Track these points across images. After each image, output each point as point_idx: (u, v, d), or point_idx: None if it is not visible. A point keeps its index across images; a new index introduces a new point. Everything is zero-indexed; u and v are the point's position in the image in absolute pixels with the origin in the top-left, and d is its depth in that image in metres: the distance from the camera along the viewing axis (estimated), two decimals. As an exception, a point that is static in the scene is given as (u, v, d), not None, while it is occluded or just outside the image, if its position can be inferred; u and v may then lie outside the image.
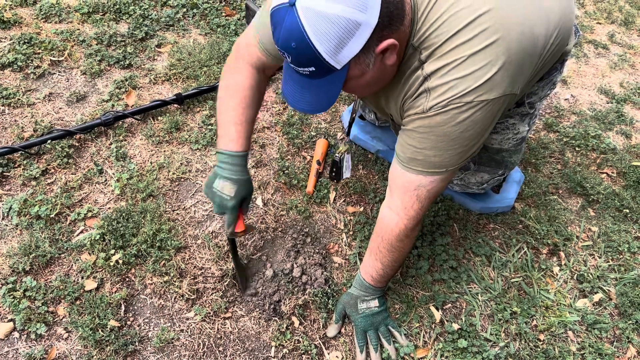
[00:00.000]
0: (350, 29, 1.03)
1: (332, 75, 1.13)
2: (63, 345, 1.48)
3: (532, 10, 1.23)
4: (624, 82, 2.79)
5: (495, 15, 1.14)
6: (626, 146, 2.39)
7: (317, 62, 1.08)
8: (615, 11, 3.38)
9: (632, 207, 2.09)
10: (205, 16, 2.60)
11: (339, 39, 1.04)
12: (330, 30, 1.03)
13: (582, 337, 1.69)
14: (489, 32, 1.14)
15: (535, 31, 1.22)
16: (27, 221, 1.69)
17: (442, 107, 1.18)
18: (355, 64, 1.12)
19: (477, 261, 1.83)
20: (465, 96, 1.16)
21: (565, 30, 1.36)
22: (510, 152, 1.73)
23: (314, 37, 1.03)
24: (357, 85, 1.23)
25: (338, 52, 1.06)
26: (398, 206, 1.39)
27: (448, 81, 1.16)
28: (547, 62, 1.38)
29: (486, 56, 1.14)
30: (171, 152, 1.98)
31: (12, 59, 2.13)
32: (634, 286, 1.83)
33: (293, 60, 1.11)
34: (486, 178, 1.82)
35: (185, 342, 1.53)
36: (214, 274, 1.67)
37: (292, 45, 1.06)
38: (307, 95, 1.20)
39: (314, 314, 1.63)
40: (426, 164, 1.29)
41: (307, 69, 1.11)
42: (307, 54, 1.06)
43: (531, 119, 1.67)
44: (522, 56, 1.19)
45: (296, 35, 1.04)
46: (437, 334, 1.63)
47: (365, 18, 1.04)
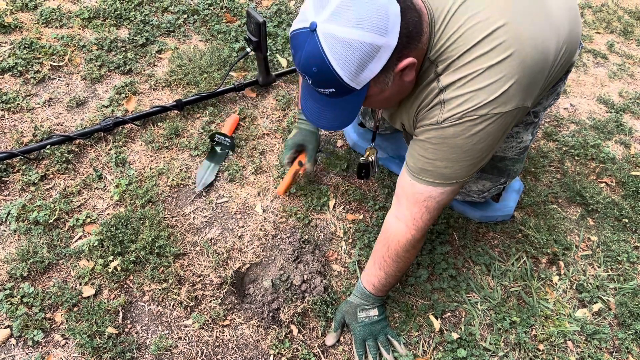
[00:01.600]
0: (371, 53, 1.06)
1: (351, 95, 1.15)
2: (60, 352, 1.47)
3: (544, 25, 1.24)
4: (623, 91, 2.80)
5: (510, 30, 1.15)
6: (625, 156, 2.39)
7: (338, 84, 1.10)
8: (614, 21, 3.39)
9: (631, 217, 2.09)
10: (206, 22, 2.61)
11: (360, 63, 1.06)
12: (351, 56, 1.05)
13: (582, 347, 1.69)
14: (504, 46, 1.14)
15: (547, 45, 1.23)
16: (25, 227, 1.68)
17: (457, 120, 1.19)
18: (375, 84, 1.15)
19: (476, 270, 1.83)
20: (480, 109, 1.17)
21: (573, 44, 1.38)
22: (513, 160, 1.73)
23: (335, 63, 1.05)
24: (375, 101, 1.26)
25: (358, 75, 1.09)
26: (407, 217, 1.39)
27: (464, 93, 1.17)
28: (556, 75, 1.39)
29: (502, 70, 1.15)
30: (171, 158, 1.98)
31: (12, 63, 2.13)
32: (633, 296, 1.82)
33: (314, 82, 1.13)
34: (488, 186, 1.82)
35: (183, 349, 1.52)
36: (212, 281, 1.66)
37: (313, 70, 1.09)
38: (327, 113, 1.23)
39: (312, 322, 1.62)
40: (437, 175, 1.29)
41: (328, 90, 1.14)
42: (328, 77, 1.09)
43: (534, 128, 1.68)
44: (535, 70, 1.20)
45: (318, 61, 1.06)
46: (437, 343, 1.62)
47: (385, 41, 1.06)
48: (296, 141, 1.84)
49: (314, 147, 1.84)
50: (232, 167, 1.98)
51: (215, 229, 1.81)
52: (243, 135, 2.12)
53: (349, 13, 1.04)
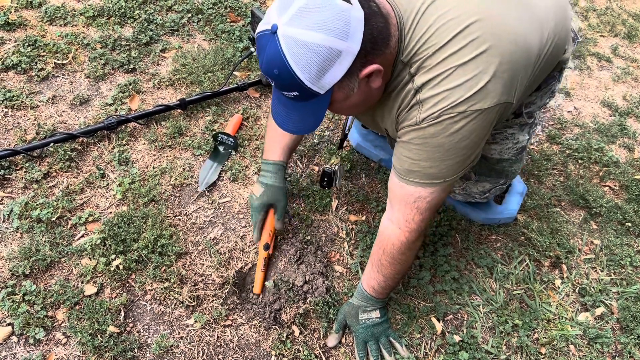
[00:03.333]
0: (331, 57, 1.05)
1: (316, 99, 1.14)
2: (61, 350, 1.47)
3: (525, 20, 1.23)
4: (627, 95, 2.79)
5: (485, 25, 1.14)
6: (629, 159, 2.39)
7: (300, 88, 1.10)
8: (618, 24, 3.39)
9: (634, 221, 2.08)
10: (210, 22, 2.61)
11: (320, 66, 1.05)
12: (311, 59, 1.04)
13: (584, 351, 1.68)
14: (478, 42, 1.13)
15: (529, 40, 1.22)
16: (27, 224, 1.68)
17: (435, 118, 1.18)
18: (339, 89, 1.13)
19: (478, 272, 1.82)
20: (457, 106, 1.15)
21: (561, 38, 1.36)
22: (511, 161, 1.73)
23: (295, 66, 1.05)
24: (342, 108, 1.24)
25: (319, 79, 1.08)
26: (399, 219, 1.38)
27: (439, 92, 1.16)
28: (543, 70, 1.38)
29: (477, 65, 1.14)
30: (174, 158, 1.98)
31: (16, 61, 2.13)
32: (636, 300, 1.82)
33: (277, 85, 1.13)
34: (488, 187, 1.82)
35: (184, 349, 1.52)
36: (214, 281, 1.66)
37: (274, 72, 1.08)
38: (293, 116, 1.22)
39: (314, 324, 1.62)
40: (423, 175, 1.28)
41: (291, 93, 1.13)
42: (289, 80, 1.08)
43: (531, 128, 1.66)
44: (516, 65, 1.18)
45: (278, 63, 1.06)
46: (438, 345, 1.62)
47: (347, 46, 1.05)
48: (264, 202, 1.67)
49: (283, 205, 1.70)
50: (235, 167, 1.98)
51: (217, 228, 1.81)
52: (246, 135, 2.12)
53: (309, 16, 1.03)
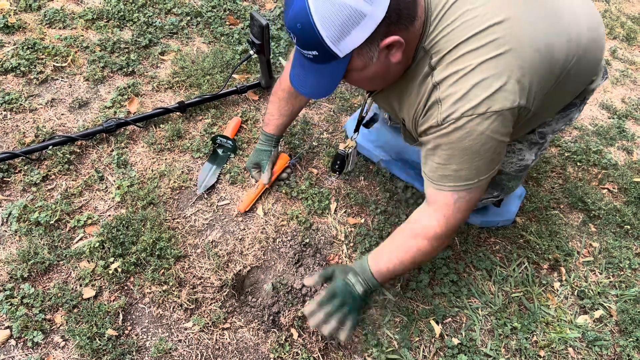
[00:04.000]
0: (355, 18, 1.06)
1: (334, 63, 1.15)
2: (60, 353, 1.46)
3: (552, 30, 1.22)
4: (625, 97, 2.80)
5: (509, 27, 1.15)
6: (627, 162, 2.39)
7: (320, 46, 1.11)
8: (617, 27, 3.39)
9: (633, 224, 2.08)
10: (209, 25, 2.61)
11: (343, 26, 1.07)
12: (335, 16, 1.05)
13: (583, 354, 1.68)
14: (498, 43, 1.14)
15: (553, 51, 1.22)
16: (26, 227, 1.68)
17: (456, 120, 1.18)
18: (358, 55, 1.14)
19: (477, 275, 1.82)
20: (477, 108, 1.15)
21: (589, 63, 1.36)
22: (510, 176, 1.72)
23: (318, 21, 1.06)
24: (360, 78, 1.25)
25: (340, 40, 1.09)
26: (439, 215, 1.34)
27: (457, 90, 1.16)
28: (567, 89, 1.37)
29: (496, 65, 1.14)
30: (172, 160, 1.98)
31: (15, 64, 2.13)
32: (634, 303, 1.82)
33: (298, 42, 1.14)
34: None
35: (183, 352, 1.51)
36: (213, 284, 1.66)
37: (297, 26, 1.10)
38: (310, 79, 1.23)
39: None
40: (456, 178, 1.27)
41: (311, 52, 1.14)
42: (310, 36, 1.09)
43: (539, 150, 1.65)
44: (536, 72, 1.18)
45: (302, 17, 1.07)
46: (437, 348, 1.62)
47: (371, 10, 1.06)
48: (252, 161, 1.94)
49: (267, 163, 1.91)
50: (233, 170, 1.98)
51: (216, 231, 1.81)
52: (245, 138, 2.12)
53: None
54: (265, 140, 1.91)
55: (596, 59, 1.40)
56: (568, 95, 1.45)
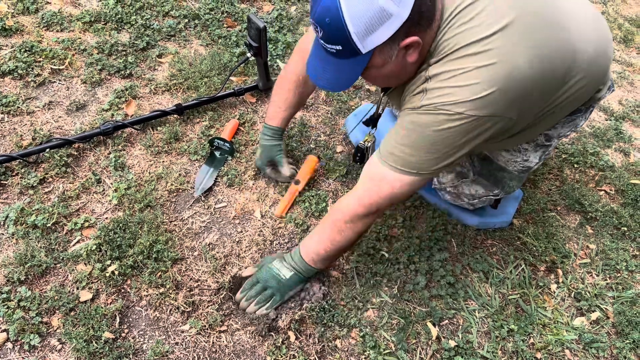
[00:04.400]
0: (382, 16, 1.10)
1: (355, 58, 1.19)
2: (56, 356, 1.46)
3: (553, 43, 1.24)
4: (622, 99, 2.80)
5: (508, 37, 1.17)
6: (624, 164, 2.39)
7: (345, 41, 1.15)
8: (614, 29, 3.40)
9: (630, 225, 2.09)
10: (206, 27, 2.61)
11: (370, 23, 1.11)
12: (364, 13, 1.10)
13: (580, 356, 1.68)
14: (494, 53, 1.16)
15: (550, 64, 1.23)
16: (23, 230, 1.68)
17: (433, 109, 1.22)
18: (380, 53, 1.18)
19: (474, 277, 1.83)
20: (457, 105, 1.18)
21: (596, 74, 1.38)
22: (512, 175, 1.73)
23: (347, 17, 1.10)
24: (376, 75, 1.29)
25: (366, 37, 1.13)
26: (358, 192, 1.42)
27: (444, 87, 1.20)
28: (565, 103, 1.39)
29: (487, 74, 1.16)
30: (170, 163, 1.98)
31: (12, 66, 2.13)
32: (631, 305, 1.82)
33: (324, 36, 1.17)
34: (480, 193, 1.82)
35: (180, 355, 1.52)
36: (210, 287, 1.66)
37: (326, 21, 1.13)
38: (327, 73, 1.27)
39: (310, 329, 1.62)
40: (401, 161, 1.31)
41: (335, 47, 1.18)
42: (338, 31, 1.13)
43: (544, 152, 1.67)
44: (524, 85, 1.20)
45: (332, 12, 1.11)
46: (434, 350, 1.62)
47: (397, 11, 1.10)
48: (265, 158, 1.94)
49: (280, 157, 1.94)
50: (231, 172, 1.98)
51: (213, 234, 1.81)
52: (242, 140, 2.12)
53: None
54: (272, 134, 1.90)
55: (603, 69, 1.42)
56: (575, 103, 1.46)
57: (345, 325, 1.63)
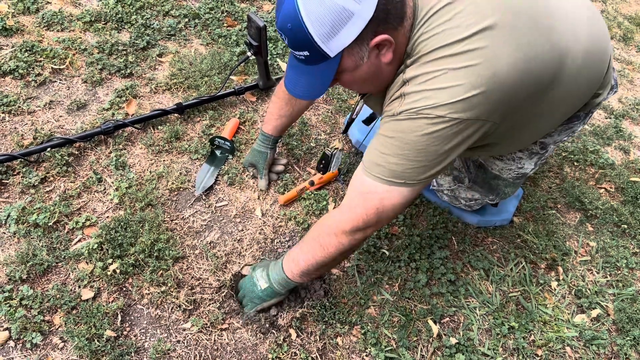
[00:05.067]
0: (344, 16, 1.07)
1: (325, 63, 1.16)
2: (58, 355, 1.47)
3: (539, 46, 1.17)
4: (622, 97, 2.81)
5: (490, 39, 1.11)
6: (624, 161, 2.40)
7: (311, 46, 1.12)
8: (614, 27, 3.40)
9: (630, 223, 2.09)
10: (206, 26, 2.62)
11: (332, 24, 1.08)
12: (324, 15, 1.07)
13: (580, 353, 1.69)
14: (476, 54, 1.10)
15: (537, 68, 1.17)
16: (25, 229, 1.68)
17: (413, 114, 1.15)
18: (349, 55, 1.15)
19: (475, 275, 1.83)
20: (437, 109, 1.12)
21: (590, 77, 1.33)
22: (507, 182, 1.72)
23: (307, 20, 1.08)
24: (351, 79, 1.25)
25: (330, 39, 1.10)
26: (343, 205, 1.33)
27: (423, 90, 1.14)
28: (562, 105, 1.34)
29: (468, 75, 1.11)
30: (170, 162, 1.98)
31: (13, 66, 2.13)
32: (632, 302, 1.82)
33: (290, 43, 1.15)
34: (476, 197, 1.82)
35: (181, 353, 1.52)
36: (211, 285, 1.66)
37: (288, 27, 1.11)
38: (302, 80, 1.24)
39: (311, 327, 1.62)
40: (387, 171, 1.22)
41: (302, 53, 1.16)
42: (301, 36, 1.11)
43: (540, 159, 1.64)
44: (509, 88, 1.14)
45: (292, 17, 1.09)
46: (435, 347, 1.63)
47: (359, 9, 1.07)
48: (248, 160, 1.98)
49: (262, 166, 1.95)
50: (231, 171, 1.99)
51: (214, 232, 1.81)
52: (243, 139, 2.12)
53: None
54: (262, 140, 1.92)
55: (598, 73, 1.36)
56: (568, 109, 1.41)
57: (346, 323, 1.64)
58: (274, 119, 1.87)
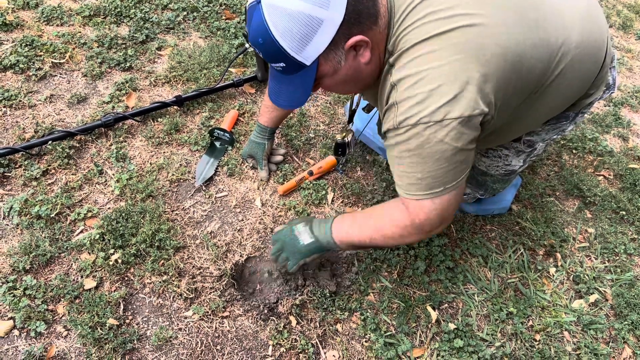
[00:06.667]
0: (312, 25, 1.06)
1: (303, 71, 1.15)
2: (62, 343, 1.49)
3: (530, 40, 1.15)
4: (621, 85, 2.81)
5: (476, 31, 1.09)
6: (623, 149, 2.40)
7: (285, 58, 1.11)
8: (613, 15, 3.40)
9: (628, 209, 2.10)
10: (205, 19, 2.63)
11: (301, 34, 1.07)
12: (292, 27, 1.05)
13: (578, 337, 1.70)
14: (462, 47, 1.09)
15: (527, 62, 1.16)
16: (27, 221, 1.71)
17: (413, 127, 1.13)
18: (325, 61, 1.14)
19: (473, 262, 1.84)
20: (434, 115, 1.10)
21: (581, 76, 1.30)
22: (495, 179, 1.72)
23: (277, 34, 1.07)
24: (333, 83, 1.24)
25: (303, 48, 1.09)
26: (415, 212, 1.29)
27: (413, 95, 1.11)
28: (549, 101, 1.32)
29: (455, 70, 1.08)
30: (170, 153, 2.00)
31: (14, 60, 2.15)
32: (629, 287, 1.84)
33: (264, 56, 1.14)
34: (467, 192, 1.84)
35: (183, 340, 1.54)
36: (212, 274, 1.68)
37: (259, 41, 1.10)
38: (283, 91, 1.23)
39: (311, 314, 1.64)
40: (424, 186, 1.21)
41: (278, 64, 1.15)
42: (273, 50, 1.10)
43: (528, 156, 1.62)
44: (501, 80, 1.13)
45: (262, 32, 1.08)
46: (434, 333, 1.64)
47: (328, 15, 1.05)
48: (246, 151, 1.98)
49: (260, 157, 1.96)
50: (231, 162, 2.00)
51: (214, 222, 1.83)
52: (242, 131, 2.14)
53: None
54: (259, 131, 1.93)
55: (589, 72, 1.33)
56: (555, 106, 1.38)
57: (346, 309, 1.65)
58: (268, 111, 1.88)
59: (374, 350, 1.58)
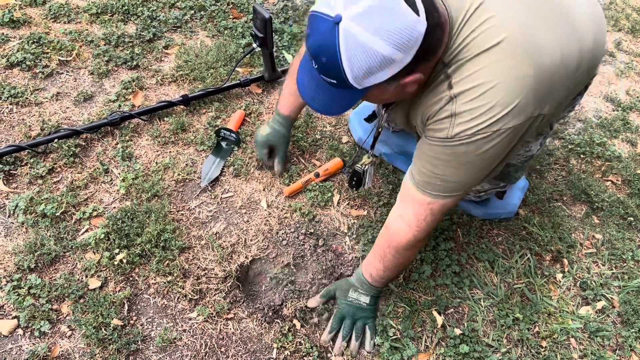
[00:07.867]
0: (384, 63, 1.03)
1: (350, 91, 1.12)
2: (66, 343, 1.49)
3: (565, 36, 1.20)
4: (630, 89, 2.79)
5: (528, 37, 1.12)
6: (631, 154, 2.38)
7: (341, 80, 1.08)
8: (622, 19, 3.37)
9: (636, 215, 2.08)
10: (212, 18, 2.62)
11: (369, 69, 1.04)
12: (364, 61, 1.02)
13: (585, 344, 1.69)
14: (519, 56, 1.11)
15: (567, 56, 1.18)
16: (33, 219, 1.70)
17: (469, 137, 1.15)
18: (377, 88, 1.11)
19: (480, 266, 1.83)
20: (492, 125, 1.12)
21: (597, 56, 1.35)
22: (517, 167, 1.72)
23: (346, 63, 1.03)
24: (371, 99, 1.26)
25: (364, 79, 1.07)
26: (410, 218, 1.36)
27: (475, 107, 1.12)
28: (577, 87, 1.37)
29: (515, 79, 1.11)
30: (177, 153, 1.99)
31: (20, 58, 2.15)
32: (637, 294, 1.82)
33: (319, 69, 1.10)
34: (486, 187, 1.82)
35: (187, 342, 1.53)
36: (217, 275, 1.67)
37: (322, 59, 1.06)
38: (320, 95, 1.19)
39: (316, 317, 1.63)
40: (443, 188, 1.26)
41: (329, 79, 1.11)
42: (334, 71, 1.06)
43: (544, 138, 1.64)
44: (552, 81, 1.16)
45: (329, 53, 1.03)
46: (439, 338, 1.63)
47: (401, 57, 1.03)
48: (269, 140, 1.89)
49: (284, 150, 1.92)
50: (237, 162, 1.99)
51: (220, 223, 1.82)
52: (248, 131, 2.13)
53: (377, 19, 0.99)
54: (282, 121, 1.86)
55: (602, 52, 1.39)
56: (579, 89, 1.45)
57: (351, 313, 1.64)
58: (292, 101, 1.81)
59: (380, 355, 1.57)
